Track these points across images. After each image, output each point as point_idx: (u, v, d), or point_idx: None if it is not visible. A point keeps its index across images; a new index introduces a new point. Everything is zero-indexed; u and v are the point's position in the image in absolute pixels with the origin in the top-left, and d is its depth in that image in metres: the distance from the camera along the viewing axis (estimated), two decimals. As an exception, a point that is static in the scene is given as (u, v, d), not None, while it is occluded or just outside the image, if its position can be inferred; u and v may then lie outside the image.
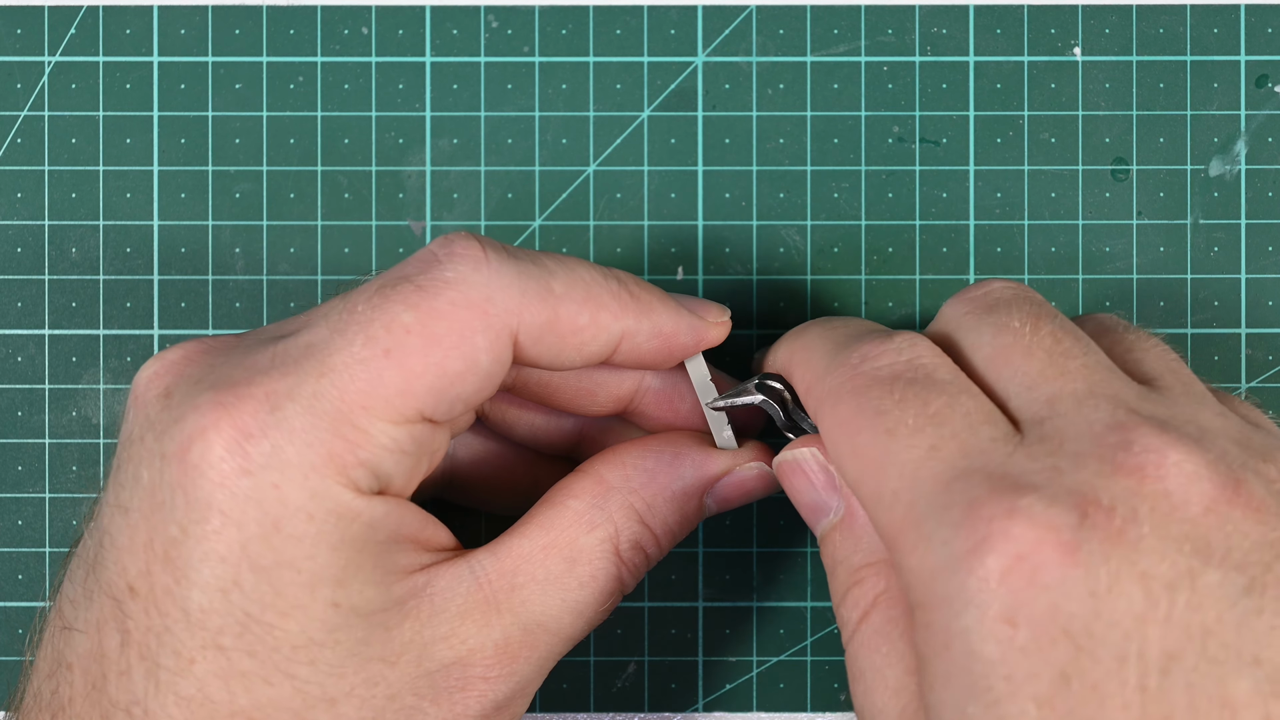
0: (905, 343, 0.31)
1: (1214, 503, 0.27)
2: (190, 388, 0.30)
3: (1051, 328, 0.30)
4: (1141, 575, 0.26)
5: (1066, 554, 0.26)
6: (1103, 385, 0.29)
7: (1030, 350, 0.30)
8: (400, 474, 0.31)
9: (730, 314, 0.35)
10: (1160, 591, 0.26)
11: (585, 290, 0.32)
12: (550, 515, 0.33)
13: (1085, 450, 0.27)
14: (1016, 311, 0.31)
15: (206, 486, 0.29)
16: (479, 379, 0.31)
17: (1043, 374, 0.30)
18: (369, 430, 0.30)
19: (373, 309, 0.30)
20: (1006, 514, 0.26)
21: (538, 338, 0.31)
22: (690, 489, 0.34)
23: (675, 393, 0.36)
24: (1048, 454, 0.28)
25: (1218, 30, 0.39)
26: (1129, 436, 0.27)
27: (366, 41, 0.39)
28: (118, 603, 0.30)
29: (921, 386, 0.30)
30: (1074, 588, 0.26)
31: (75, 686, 0.30)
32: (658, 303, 0.33)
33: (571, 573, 0.32)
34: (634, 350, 0.33)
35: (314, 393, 0.30)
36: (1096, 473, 0.27)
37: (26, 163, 0.39)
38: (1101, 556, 0.26)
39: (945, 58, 0.39)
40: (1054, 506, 0.26)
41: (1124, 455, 0.27)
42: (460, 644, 0.31)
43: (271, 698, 0.29)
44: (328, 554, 0.30)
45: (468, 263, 0.31)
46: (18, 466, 0.39)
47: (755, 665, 0.39)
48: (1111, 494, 0.27)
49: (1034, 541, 0.26)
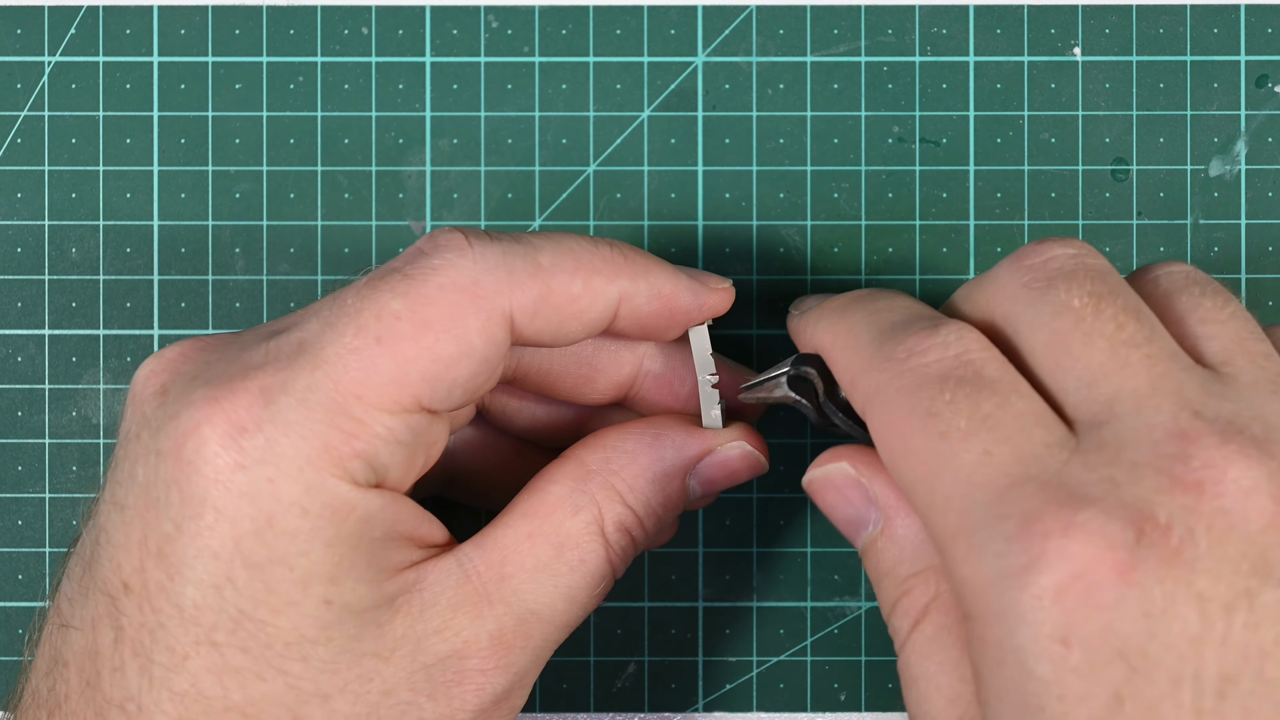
0: (953, 335, 0.30)
1: (1274, 519, 0.26)
2: (185, 384, 0.30)
3: (1114, 309, 0.29)
4: (1198, 596, 0.25)
5: (1122, 574, 0.25)
6: (1165, 380, 0.28)
7: (1090, 338, 0.28)
8: (397, 465, 0.31)
9: (731, 283, 0.35)
10: (1217, 613, 0.25)
11: (574, 259, 0.32)
12: (533, 502, 0.33)
13: (1143, 460, 0.26)
14: (1078, 288, 0.29)
15: (201, 482, 0.29)
16: (474, 363, 0.31)
17: (1103, 368, 0.28)
18: (365, 420, 0.30)
19: (361, 300, 0.30)
20: (1063, 530, 0.26)
21: (534, 313, 0.31)
22: (671, 470, 0.34)
23: (675, 377, 0.35)
24: (1105, 463, 0.27)
25: (1218, 30, 0.39)
26: (1188, 449, 0.26)
27: (366, 41, 0.39)
28: (112, 599, 0.30)
29: (972, 387, 0.28)
30: (1129, 608, 0.25)
31: (71, 684, 0.30)
32: (654, 264, 0.33)
33: (560, 558, 0.32)
34: (634, 314, 0.33)
35: (308, 385, 0.30)
36: (1154, 487, 0.26)
37: (26, 163, 0.39)
38: (1157, 577, 0.25)
39: (945, 58, 0.39)
40: (1111, 523, 0.26)
41: (1182, 469, 0.26)
42: (454, 636, 0.31)
43: (264, 693, 0.29)
44: (321, 550, 0.30)
45: (452, 250, 0.31)
46: (18, 466, 0.39)
47: (755, 665, 0.39)
48: (1169, 511, 0.26)
49: (1090, 560, 0.25)
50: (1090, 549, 0.25)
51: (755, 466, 0.35)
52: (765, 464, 0.35)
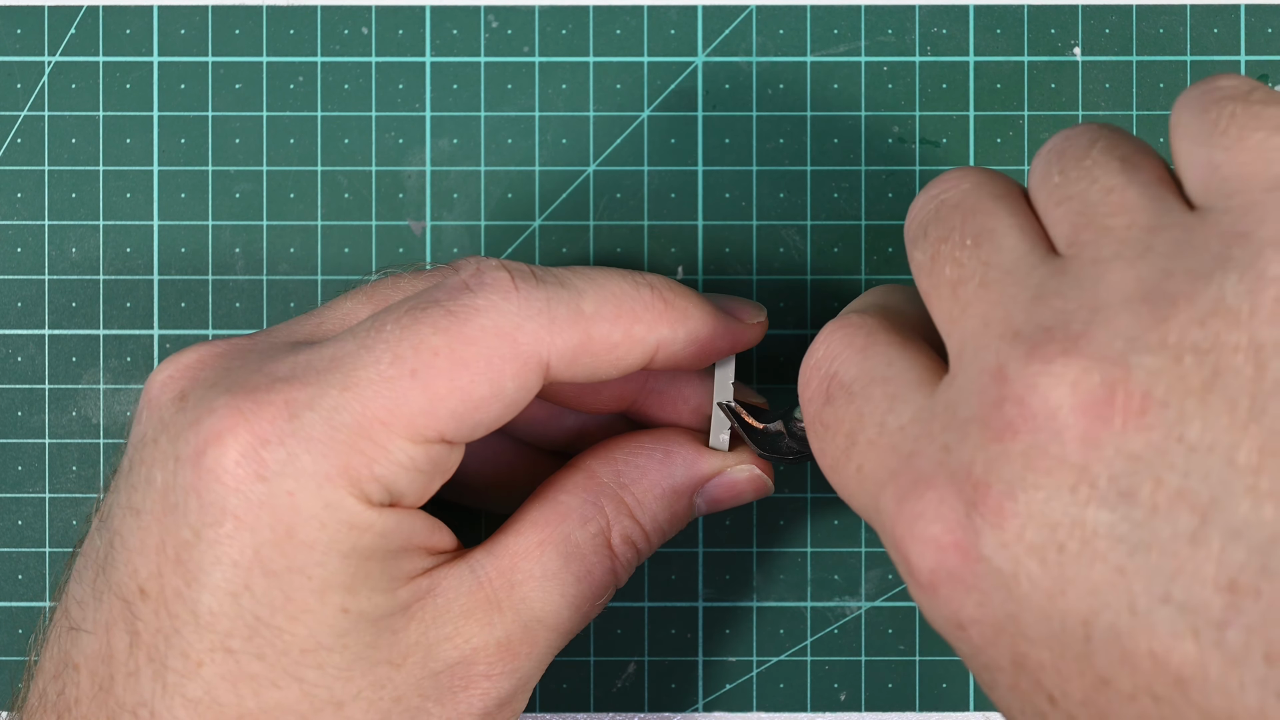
0: (821, 349, 0.30)
1: (1088, 430, 0.24)
2: (205, 391, 0.30)
3: (950, 248, 0.27)
4: (1029, 548, 0.24)
5: (966, 557, 0.25)
6: (996, 308, 0.26)
7: (938, 289, 0.27)
8: (413, 491, 0.31)
9: (766, 312, 0.35)
10: (1053, 556, 0.24)
11: (616, 306, 0.32)
12: (543, 511, 0.33)
13: (971, 415, 0.25)
14: (925, 242, 0.28)
15: (221, 490, 0.29)
16: (502, 406, 0.31)
17: (950, 317, 0.27)
18: (387, 446, 0.30)
19: (402, 329, 0.30)
20: (908, 528, 0.26)
21: (572, 360, 0.31)
22: (681, 487, 0.34)
23: (680, 395, 0.36)
24: (941, 429, 0.26)
25: (1218, 30, 0.39)
26: (1002, 389, 0.25)
27: (366, 41, 0.39)
28: (127, 604, 0.30)
29: (842, 390, 0.29)
30: (987, 585, 0.25)
31: (82, 687, 0.30)
32: (694, 308, 0.33)
33: (568, 568, 0.32)
34: (670, 358, 0.33)
35: (335, 405, 0.29)
36: (976, 443, 0.25)
37: (26, 163, 0.39)
38: (995, 544, 0.24)
39: (945, 58, 0.39)
40: (943, 505, 0.25)
41: (995, 414, 0.25)
42: (464, 643, 0.31)
43: (279, 701, 0.29)
44: (338, 561, 0.30)
45: (498, 291, 0.31)
46: (18, 466, 0.39)
47: (755, 665, 0.39)
48: (986, 466, 0.25)
49: (939, 552, 0.25)
50: (934, 541, 0.25)
51: (761, 489, 0.35)
52: (771, 487, 0.35)
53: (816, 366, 0.30)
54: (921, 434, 0.26)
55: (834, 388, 0.29)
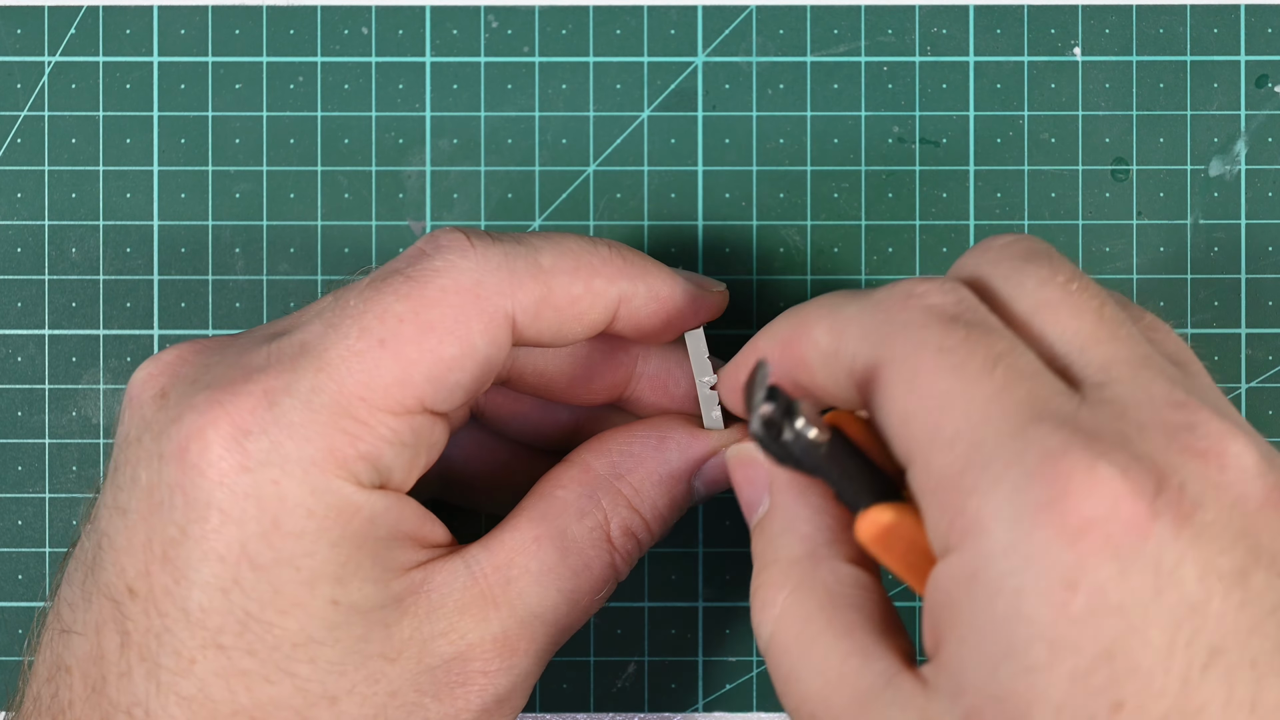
0: (949, 283, 0.29)
1: (1265, 502, 0.26)
2: (186, 388, 0.30)
3: (1096, 288, 0.29)
4: (1203, 564, 0.25)
5: (1140, 526, 0.25)
6: (1154, 358, 0.28)
7: (1079, 309, 0.28)
8: (400, 467, 0.31)
9: (726, 286, 0.35)
10: (1216, 584, 0.25)
11: (575, 260, 0.32)
12: (540, 506, 0.33)
13: (1149, 423, 0.26)
14: (1060, 266, 0.29)
15: (205, 485, 0.29)
16: (476, 364, 0.31)
17: (1095, 336, 0.28)
18: (368, 422, 0.30)
19: (365, 302, 0.30)
20: (1087, 470, 0.25)
21: (535, 314, 0.31)
22: (677, 472, 0.34)
23: (670, 379, 0.35)
24: (1113, 418, 0.26)
25: (1218, 30, 0.39)
26: (1192, 418, 0.26)
27: (366, 41, 0.39)
28: (117, 604, 0.30)
29: (984, 329, 0.28)
30: (1142, 562, 0.25)
31: (75, 690, 0.30)
32: (652, 266, 0.33)
33: (565, 562, 0.32)
34: (633, 316, 0.33)
35: (312, 387, 0.30)
36: (1165, 448, 0.26)
37: (26, 163, 0.39)
38: (1171, 535, 0.25)
39: (945, 58, 0.39)
40: (1133, 472, 0.25)
41: (1189, 437, 0.26)
42: (460, 639, 0.31)
43: (272, 696, 0.29)
44: (327, 551, 0.30)
45: (454, 251, 0.31)
46: (18, 466, 0.39)
47: (755, 665, 0.39)
48: (1181, 473, 0.25)
49: (1111, 506, 0.25)
50: (1111, 495, 0.25)
51: None
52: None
53: (947, 289, 0.29)
54: (1083, 409, 0.26)
55: (978, 315, 0.28)
